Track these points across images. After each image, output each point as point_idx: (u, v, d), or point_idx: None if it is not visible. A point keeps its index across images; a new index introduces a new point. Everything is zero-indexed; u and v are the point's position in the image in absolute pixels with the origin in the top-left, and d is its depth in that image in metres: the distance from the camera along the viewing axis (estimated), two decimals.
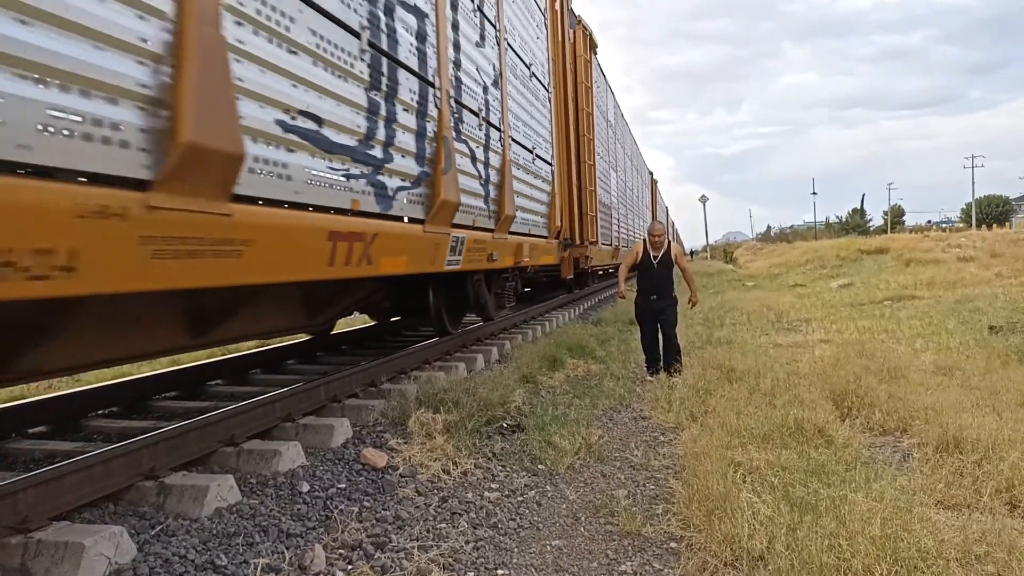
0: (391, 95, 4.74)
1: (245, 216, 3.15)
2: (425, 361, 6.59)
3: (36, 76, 2.18)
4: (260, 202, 3.35)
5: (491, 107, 7.13)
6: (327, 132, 3.90)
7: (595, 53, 14.85)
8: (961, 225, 67.83)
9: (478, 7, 6.80)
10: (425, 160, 5.30)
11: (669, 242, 6.74)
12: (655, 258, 6.62)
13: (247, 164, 3.13)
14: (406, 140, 4.97)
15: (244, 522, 3.05)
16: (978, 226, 50.58)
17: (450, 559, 2.84)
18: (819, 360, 6.74)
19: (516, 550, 3.00)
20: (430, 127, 5.40)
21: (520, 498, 3.60)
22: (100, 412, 4.85)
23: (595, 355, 7.62)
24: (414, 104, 5.12)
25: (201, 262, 2.88)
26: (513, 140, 8.03)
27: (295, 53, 3.60)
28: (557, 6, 11.50)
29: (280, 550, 2.81)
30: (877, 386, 5.26)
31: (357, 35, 4.25)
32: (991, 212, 74.64)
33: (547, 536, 3.15)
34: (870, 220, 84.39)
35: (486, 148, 6.94)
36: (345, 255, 4.05)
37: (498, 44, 7.51)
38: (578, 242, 12.48)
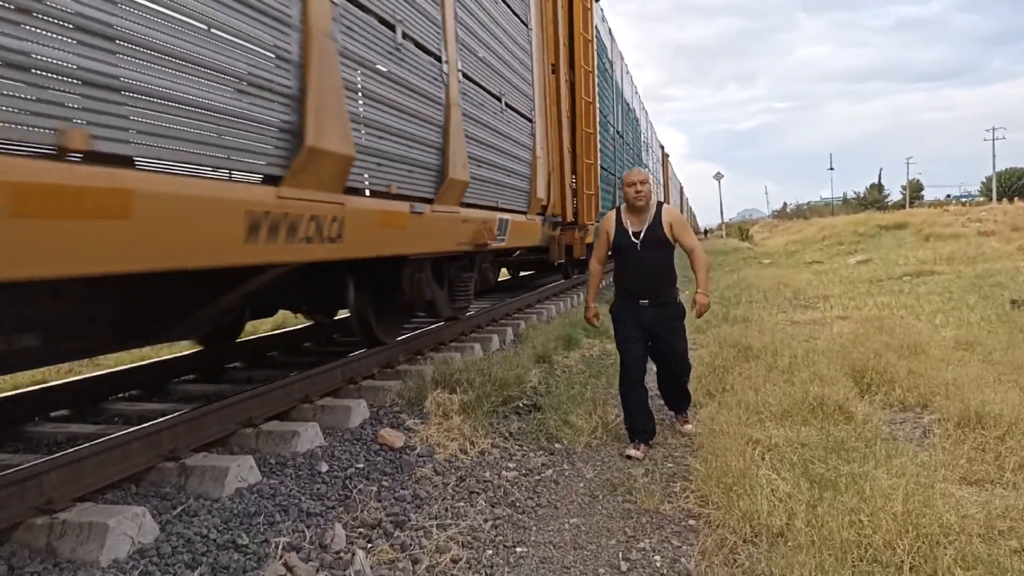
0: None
1: None
2: (440, 342, 6.61)
3: None
4: None
5: None
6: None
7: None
8: (982, 199, 66.72)
9: None
10: None
11: (660, 204, 4.01)
12: (638, 235, 3.91)
13: None
14: None
15: (264, 502, 3.08)
16: (999, 199, 49.72)
17: (469, 537, 2.85)
18: (837, 337, 6.67)
19: (534, 528, 3.01)
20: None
21: (537, 477, 3.60)
22: (120, 395, 4.91)
23: (610, 334, 7.56)
24: None
25: None
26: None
27: None
28: None
29: (301, 529, 2.84)
30: (897, 362, 5.19)
31: None
32: (1012, 185, 73.28)
33: (565, 514, 3.15)
34: (888, 195, 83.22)
35: None
36: None
37: None
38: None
